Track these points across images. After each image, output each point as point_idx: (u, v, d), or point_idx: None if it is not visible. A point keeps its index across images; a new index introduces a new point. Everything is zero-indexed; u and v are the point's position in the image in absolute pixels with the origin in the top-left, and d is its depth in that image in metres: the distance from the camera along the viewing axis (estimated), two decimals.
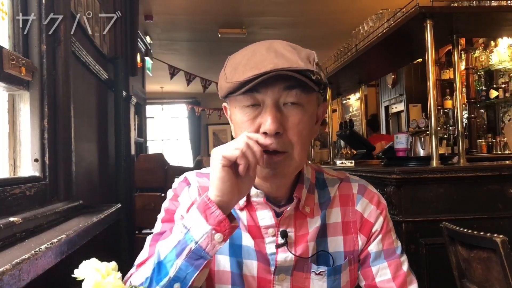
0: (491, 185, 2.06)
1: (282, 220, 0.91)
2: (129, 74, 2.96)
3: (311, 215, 0.93)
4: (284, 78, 0.80)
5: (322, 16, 5.27)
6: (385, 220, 0.97)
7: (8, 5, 1.22)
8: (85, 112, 1.82)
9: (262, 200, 0.91)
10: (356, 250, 0.95)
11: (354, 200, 0.97)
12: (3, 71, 1.07)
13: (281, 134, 0.82)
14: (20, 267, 0.68)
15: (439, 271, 1.94)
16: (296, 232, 0.92)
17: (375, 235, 0.95)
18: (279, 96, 0.82)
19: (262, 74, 0.78)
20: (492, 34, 3.99)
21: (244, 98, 0.83)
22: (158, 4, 4.86)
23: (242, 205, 0.92)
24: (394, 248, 0.96)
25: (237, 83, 0.80)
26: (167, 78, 6.69)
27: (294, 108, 0.83)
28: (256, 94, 0.82)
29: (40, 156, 1.23)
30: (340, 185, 0.99)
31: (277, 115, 0.81)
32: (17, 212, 1.00)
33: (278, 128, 0.81)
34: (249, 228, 0.92)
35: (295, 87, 0.82)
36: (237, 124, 0.88)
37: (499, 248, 1.34)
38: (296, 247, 0.91)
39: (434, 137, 2.20)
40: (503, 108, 5.30)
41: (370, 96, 7.49)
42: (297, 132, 0.83)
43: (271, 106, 0.82)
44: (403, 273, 0.94)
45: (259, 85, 0.80)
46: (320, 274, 0.91)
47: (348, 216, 0.95)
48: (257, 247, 0.91)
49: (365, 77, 4.22)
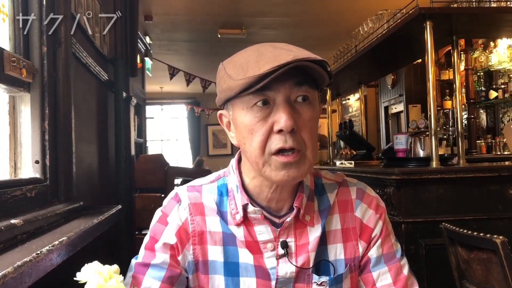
0: (491, 186, 2.06)
1: (282, 230, 0.89)
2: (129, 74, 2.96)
3: (311, 223, 0.91)
4: (294, 74, 0.79)
5: (322, 17, 5.27)
6: (384, 224, 0.96)
7: (9, 6, 1.22)
8: (85, 113, 1.82)
9: (259, 217, 0.89)
10: (357, 257, 0.93)
11: (353, 206, 0.95)
12: (4, 73, 1.07)
13: (295, 131, 0.80)
14: (22, 269, 0.68)
15: (439, 272, 1.94)
16: (297, 241, 0.90)
17: (375, 240, 0.94)
18: (290, 92, 0.81)
19: (285, 65, 0.75)
20: (492, 35, 4.00)
21: (254, 97, 0.80)
22: (157, 4, 4.86)
23: (239, 221, 0.89)
24: (394, 252, 0.95)
25: (255, 77, 0.76)
26: (167, 78, 6.69)
27: (305, 105, 0.82)
28: (267, 92, 0.80)
29: (40, 158, 1.23)
30: (338, 191, 0.96)
31: (291, 111, 0.79)
32: (18, 214, 1.00)
33: (294, 124, 0.79)
34: (247, 243, 0.89)
35: (304, 83, 0.81)
36: (245, 126, 0.83)
37: (499, 249, 1.34)
38: (297, 257, 0.89)
39: (434, 137, 2.20)
40: (502, 108, 5.30)
41: (369, 96, 7.49)
42: (309, 130, 0.82)
43: (283, 103, 0.80)
44: (403, 277, 0.93)
45: (270, 82, 0.77)
46: (322, 285, 0.89)
47: (347, 222, 0.94)
48: (257, 262, 0.88)
49: (365, 77, 4.23)
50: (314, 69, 0.79)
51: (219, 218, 0.91)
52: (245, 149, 0.86)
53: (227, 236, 0.90)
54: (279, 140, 0.80)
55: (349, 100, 8.22)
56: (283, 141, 0.79)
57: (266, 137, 0.81)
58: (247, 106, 0.82)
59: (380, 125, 7.29)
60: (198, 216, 0.91)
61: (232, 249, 0.89)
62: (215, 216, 0.91)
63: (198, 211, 0.92)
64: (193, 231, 0.90)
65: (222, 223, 0.90)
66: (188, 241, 0.90)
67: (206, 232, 0.90)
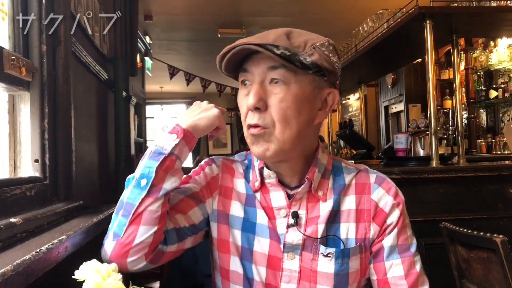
0: (491, 185, 2.06)
1: (294, 201, 0.94)
2: (129, 74, 2.96)
3: (323, 198, 0.95)
4: (270, 59, 0.86)
5: (321, 16, 5.27)
6: (402, 215, 0.96)
7: (8, 6, 1.22)
8: (85, 112, 1.82)
9: (274, 181, 0.95)
10: (368, 238, 0.94)
11: (370, 189, 0.97)
12: (4, 71, 1.07)
13: (262, 110, 0.88)
14: (21, 268, 0.68)
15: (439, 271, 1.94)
16: (308, 214, 0.94)
17: (391, 228, 0.94)
18: (264, 75, 0.89)
19: (231, 49, 0.87)
20: (492, 34, 4.00)
21: (241, 77, 0.93)
22: (157, 4, 4.86)
23: (257, 187, 0.97)
24: (408, 244, 0.95)
25: (218, 57, 0.91)
26: (167, 78, 6.69)
27: (278, 86, 0.88)
28: (247, 73, 0.91)
29: (40, 157, 1.23)
30: (357, 175, 0.99)
31: (259, 91, 0.88)
32: (17, 213, 1.00)
33: (257, 103, 0.87)
34: (264, 207, 0.96)
35: (279, 67, 0.87)
36: (238, 101, 0.97)
37: (499, 248, 1.34)
38: (306, 227, 0.93)
39: (434, 137, 2.20)
40: (502, 108, 5.30)
41: (369, 96, 7.48)
42: (279, 110, 0.88)
43: (255, 84, 0.89)
44: (416, 272, 0.93)
45: (248, 65, 0.90)
46: (328, 256, 0.91)
47: (362, 204, 0.95)
48: (271, 225, 0.94)
49: (365, 77, 4.23)
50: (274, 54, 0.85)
51: (245, 181, 1.00)
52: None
53: (249, 197, 0.98)
54: (249, 117, 0.90)
55: (349, 99, 8.22)
56: (251, 117, 0.89)
57: (246, 113, 0.91)
58: (239, 84, 0.95)
59: (380, 125, 7.29)
60: (228, 175, 1.02)
61: (252, 209, 0.97)
62: (242, 179, 1.01)
63: (229, 171, 1.03)
64: (221, 185, 1.01)
65: (246, 186, 1.00)
66: (216, 190, 1.00)
67: (232, 189, 1.00)
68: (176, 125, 0.91)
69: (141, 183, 0.85)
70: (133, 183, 0.87)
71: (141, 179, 0.86)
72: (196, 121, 0.93)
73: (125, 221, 0.84)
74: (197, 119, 0.93)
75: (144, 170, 0.87)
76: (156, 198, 0.84)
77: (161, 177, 0.86)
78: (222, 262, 0.98)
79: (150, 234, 0.83)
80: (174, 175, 0.88)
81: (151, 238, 0.84)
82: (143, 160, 0.89)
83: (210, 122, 0.93)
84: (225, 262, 0.97)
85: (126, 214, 0.85)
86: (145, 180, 0.85)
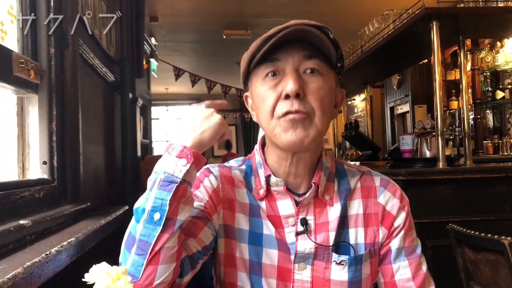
0: (498, 187, 2.05)
1: (302, 207, 0.92)
2: (135, 76, 2.97)
3: (330, 203, 0.93)
4: (305, 48, 0.85)
5: (327, 17, 5.26)
6: (408, 217, 0.96)
7: (17, 9, 1.23)
8: (92, 114, 1.83)
9: (282, 189, 0.93)
10: (377, 242, 0.93)
11: (376, 192, 0.96)
12: (13, 74, 1.07)
13: (302, 97, 0.85)
14: (31, 270, 0.69)
15: (446, 273, 1.93)
16: (316, 220, 0.92)
17: (398, 231, 0.94)
18: (299, 64, 0.87)
19: (285, 28, 0.82)
20: (498, 35, 3.98)
21: (265, 68, 0.88)
22: (163, 5, 4.88)
23: (262, 195, 0.94)
24: (414, 246, 0.95)
25: (261, 39, 0.84)
26: (172, 79, 6.70)
27: (315, 76, 0.87)
28: (277, 63, 0.87)
29: (48, 159, 1.24)
30: (362, 178, 0.98)
31: (298, 78, 0.85)
32: (26, 215, 1.01)
33: (299, 89, 0.84)
34: (270, 217, 0.93)
35: (314, 57, 0.86)
36: (258, 96, 0.90)
37: (507, 250, 1.33)
38: (316, 235, 0.91)
39: (440, 138, 2.20)
40: (509, 109, 5.27)
41: (375, 97, 7.47)
42: (318, 98, 0.86)
43: (291, 71, 0.86)
44: (422, 274, 0.93)
45: (280, 53, 0.86)
46: (341, 264, 0.90)
47: (369, 208, 0.95)
48: (278, 235, 0.91)
49: (371, 78, 4.22)
50: (321, 39, 0.84)
51: (246, 190, 0.96)
52: (259, 118, 0.92)
53: (253, 207, 0.94)
54: (286, 105, 0.85)
55: (355, 100, 8.21)
56: (290, 105, 0.85)
57: (275, 103, 0.87)
58: (261, 77, 0.89)
59: (386, 126, 7.27)
60: (228, 185, 0.97)
61: (257, 220, 0.93)
62: (243, 188, 0.97)
63: (228, 181, 0.97)
64: (223, 197, 0.95)
65: (249, 195, 0.96)
66: (219, 204, 0.95)
67: (235, 200, 0.95)
68: (183, 147, 0.82)
69: (154, 217, 0.78)
70: (144, 217, 0.78)
71: (154, 213, 0.78)
72: (200, 136, 0.86)
73: (142, 261, 0.78)
74: (201, 132, 0.86)
75: (156, 202, 0.78)
76: (172, 233, 0.78)
77: (174, 208, 0.79)
78: (228, 278, 0.94)
79: (169, 272, 0.79)
80: (187, 204, 0.82)
81: (170, 276, 0.79)
82: (152, 189, 0.80)
83: (215, 133, 0.87)
84: (232, 278, 0.94)
85: (142, 253, 0.78)
86: (158, 214, 0.78)
